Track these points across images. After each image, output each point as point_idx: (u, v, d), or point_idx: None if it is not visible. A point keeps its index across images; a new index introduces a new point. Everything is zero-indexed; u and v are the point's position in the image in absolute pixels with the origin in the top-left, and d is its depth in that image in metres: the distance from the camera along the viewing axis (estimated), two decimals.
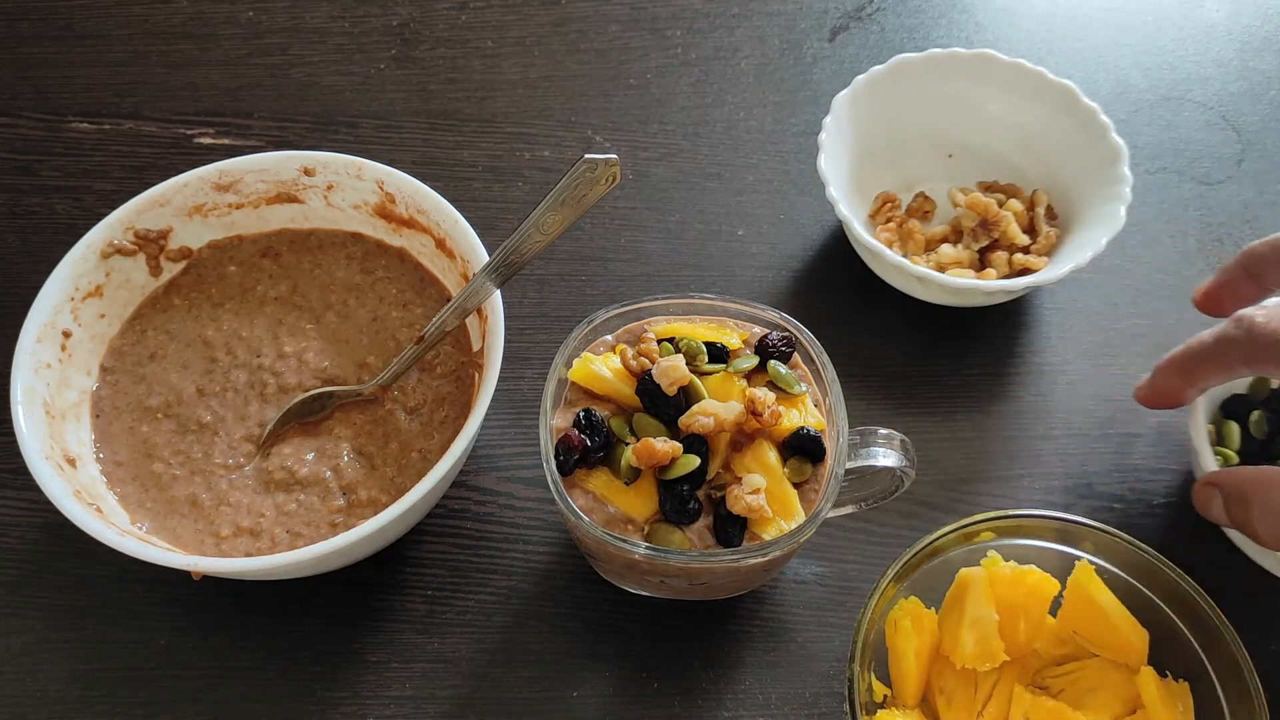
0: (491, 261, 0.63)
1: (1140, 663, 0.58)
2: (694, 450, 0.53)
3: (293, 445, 0.67)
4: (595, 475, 0.54)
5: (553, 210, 0.59)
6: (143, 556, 0.58)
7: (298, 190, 0.74)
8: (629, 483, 0.54)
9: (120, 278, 0.71)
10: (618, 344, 0.58)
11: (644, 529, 0.53)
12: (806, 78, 0.94)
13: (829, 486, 0.54)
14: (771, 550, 0.52)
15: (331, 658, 0.65)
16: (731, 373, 0.56)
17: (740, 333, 0.59)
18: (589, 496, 0.54)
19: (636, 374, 0.55)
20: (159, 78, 0.92)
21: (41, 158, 0.88)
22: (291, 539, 0.63)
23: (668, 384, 0.53)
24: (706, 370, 0.57)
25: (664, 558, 0.51)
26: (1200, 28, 0.98)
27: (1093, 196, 0.77)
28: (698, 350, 0.57)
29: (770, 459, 0.54)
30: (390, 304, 0.73)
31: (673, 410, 0.54)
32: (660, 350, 0.57)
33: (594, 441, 0.54)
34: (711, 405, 0.53)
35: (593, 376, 0.56)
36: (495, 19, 0.97)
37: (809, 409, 0.57)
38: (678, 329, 0.59)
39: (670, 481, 0.53)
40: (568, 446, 0.53)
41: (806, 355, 0.59)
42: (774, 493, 0.53)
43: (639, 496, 0.54)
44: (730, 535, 0.53)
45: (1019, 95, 0.81)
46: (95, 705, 0.64)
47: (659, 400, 0.54)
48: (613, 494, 0.54)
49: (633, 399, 0.55)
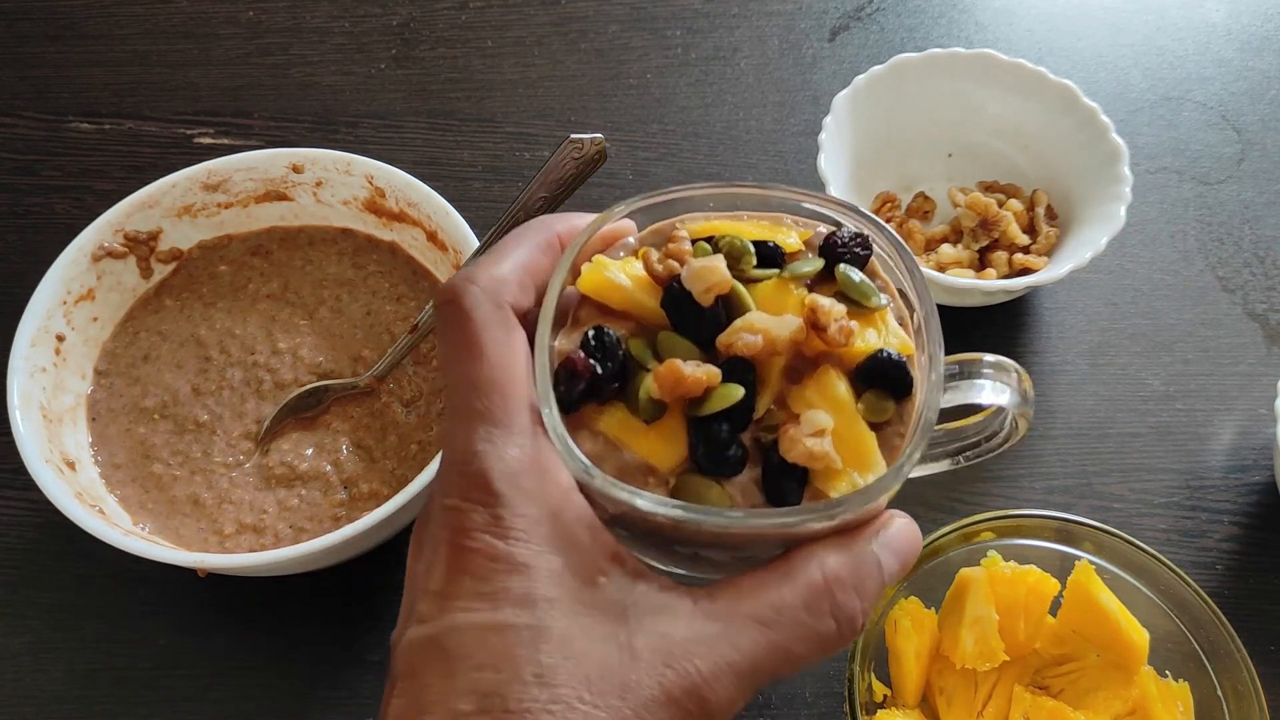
0: (482, 246, 0.63)
1: (1140, 663, 0.58)
2: (736, 378, 0.40)
3: (291, 441, 0.67)
4: (607, 412, 0.40)
5: (541, 190, 0.59)
6: (147, 555, 0.58)
7: (286, 188, 0.74)
8: (650, 421, 0.40)
9: (111, 280, 0.71)
10: (641, 247, 0.44)
11: (669, 482, 0.40)
12: (806, 78, 0.94)
13: (918, 428, 0.40)
14: (841, 510, 0.38)
15: (331, 658, 0.65)
16: (787, 278, 0.42)
17: (800, 231, 0.44)
18: (598, 440, 0.40)
19: (663, 280, 0.41)
20: (159, 78, 0.92)
21: (41, 158, 0.88)
22: (295, 534, 0.63)
23: (702, 290, 0.40)
24: (754, 276, 0.42)
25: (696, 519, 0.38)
26: (1200, 28, 0.98)
27: (1093, 196, 0.77)
28: (743, 250, 0.42)
29: (839, 391, 0.40)
30: (383, 298, 0.73)
31: (709, 326, 0.40)
32: (695, 250, 0.43)
33: (606, 367, 0.40)
34: (760, 319, 0.40)
35: (607, 285, 0.42)
36: (495, 19, 0.97)
37: (891, 327, 0.42)
38: (719, 227, 0.44)
39: (704, 419, 0.39)
40: (571, 373, 0.39)
41: (887, 263, 0.44)
42: (844, 435, 0.40)
43: (663, 439, 0.40)
44: (785, 491, 0.39)
45: (1019, 95, 0.81)
46: (95, 705, 0.64)
47: (691, 313, 0.41)
48: (629, 436, 0.40)
49: (658, 314, 0.41)
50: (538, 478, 0.35)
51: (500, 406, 0.36)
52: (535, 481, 0.35)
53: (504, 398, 0.36)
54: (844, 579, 0.37)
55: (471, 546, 0.34)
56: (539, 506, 0.35)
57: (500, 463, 0.35)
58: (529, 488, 0.35)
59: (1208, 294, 0.82)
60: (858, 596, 0.37)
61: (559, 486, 0.36)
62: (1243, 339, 0.79)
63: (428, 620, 0.34)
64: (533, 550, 0.34)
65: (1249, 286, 0.82)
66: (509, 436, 0.35)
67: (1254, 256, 0.84)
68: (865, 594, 0.37)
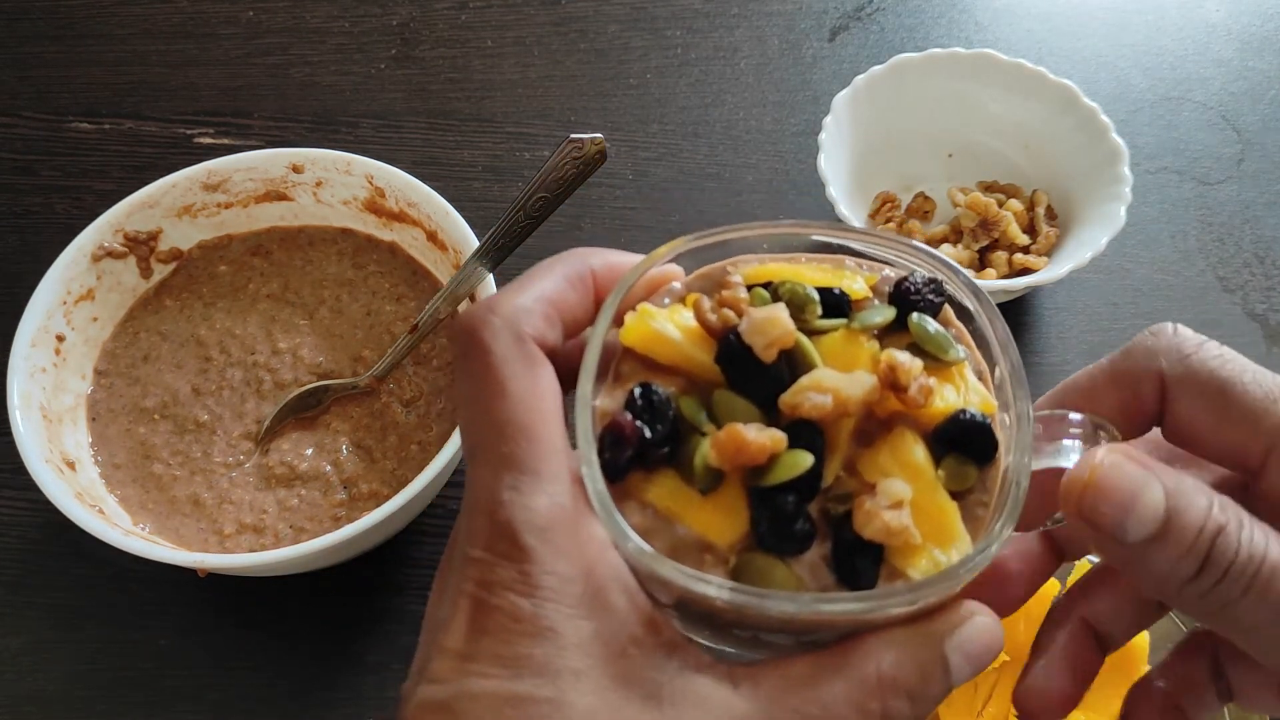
0: (482, 246, 0.63)
1: (1140, 663, 0.58)
2: (803, 444, 0.36)
3: (291, 441, 0.67)
4: (657, 481, 0.36)
5: (541, 190, 0.59)
6: (147, 555, 0.58)
7: (287, 188, 0.74)
8: (707, 491, 0.36)
9: (111, 280, 0.71)
10: (690, 293, 0.40)
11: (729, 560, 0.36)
12: (806, 78, 0.94)
13: (1008, 499, 0.35)
14: (923, 594, 0.34)
15: (331, 659, 0.65)
16: (857, 330, 0.38)
17: (866, 275, 0.40)
18: (647, 512, 0.36)
19: (718, 333, 0.37)
20: (159, 78, 0.92)
21: (41, 158, 0.88)
22: (295, 534, 0.63)
23: (764, 346, 0.36)
24: (820, 328, 0.38)
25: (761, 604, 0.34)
26: (1200, 28, 0.98)
27: (1093, 196, 0.77)
28: (806, 299, 0.38)
29: (917, 457, 0.36)
30: (383, 298, 0.73)
31: (771, 384, 0.37)
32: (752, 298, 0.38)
33: (655, 431, 0.36)
34: (829, 377, 0.36)
35: (655, 338, 0.38)
36: (495, 19, 0.97)
37: (970, 383, 0.38)
38: (777, 271, 0.40)
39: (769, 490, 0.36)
40: (618, 438, 0.35)
41: (962, 309, 0.40)
42: (923, 506, 0.36)
43: (721, 512, 0.36)
44: (860, 570, 0.35)
45: (1019, 95, 0.81)
46: (95, 705, 0.64)
47: (751, 370, 0.37)
48: (683, 508, 0.36)
49: (712, 370, 0.38)
50: (569, 531, 0.32)
51: (527, 451, 0.33)
52: (567, 536, 0.32)
53: (530, 441, 0.33)
54: (899, 682, 0.33)
55: (494, 604, 0.31)
56: (570, 564, 0.31)
57: (528, 513, 0.31)
58: (560, 543, 0.32)
59: (1208, 294, 0.82)
60: (910, 702, 0.32)
61: (593, 541, 0.32)
62: (1243, 339, 0.79)
63: (441, 681, 0.31)
64: (562, 613, 0.31)
65: (1249, 286, 0.82)
66: (538, 484, 0.32)
67: (1254, 256, 0.84)
68: (922, 699, 0.33)
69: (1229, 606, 0.32)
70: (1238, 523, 0.32)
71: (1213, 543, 0.32)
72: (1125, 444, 0.34)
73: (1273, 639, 0.32)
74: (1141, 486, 0.32)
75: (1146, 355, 0.36)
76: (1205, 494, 0.32)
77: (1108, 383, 0.38)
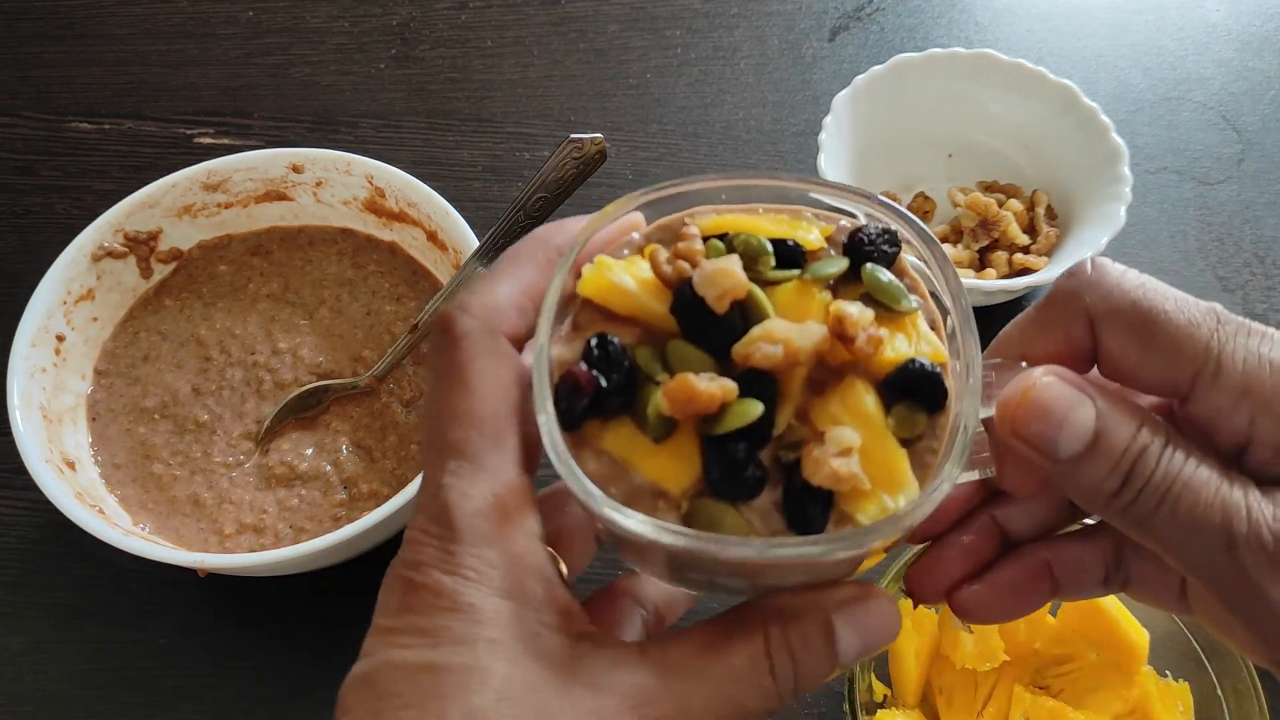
0: (482, 246, 0.63)
1: (1140, 662, 0.58)
2: (755, 392, 0.36)
3: (291, 441, 0.67)
4: (612, 429, 0.37)
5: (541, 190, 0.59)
6: (147, 555, 0.58)
7: (287, 188, 0.74)
8: (660, 439, 0.37)
9: (111, 280, 0.71)
10: (648, 244, 0.40)
11: (681, 505, 0.37)
12: (806, 78, 0.94)
13: (955, 445, 0.36)
14: (870, 539, 0.35)
15: (331, 658, 0.65)
16: (810, 281, 0.39)
17: (822, 227, 0.41)
18: (603, 459, 0.37)
19: (673, 283, 0.38)
20: (159, 78, 0.92)
21: (41, 158, 0.88)
22: (295, 534, 0.63)
23: (717, 296, 0.37)
24: (773, 278, 0.39)
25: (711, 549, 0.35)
26: (1200, 28, 0.98)
27: (1093, 196, 0.77)
28: (760, 250, 0.39)
29: (867, 405, 0.37)
30: (383, 298, 0.73)
31: (724, 334, 0.37)
32: (707, 250, 0.39)
33: (611, 379, 0.36)
34: (781, 327, 0.36)
35: (611, 289, 0.38)
36: (495, 19, 0.97)
37: (922, 332, 0.39)
38: (733, 222, 0.41)
39: (720, 438, 0.36)
40: (573, 387, 0.36)
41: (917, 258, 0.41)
42: (872, 453, 0.36)
43: (674, 459, 0.37)
44: (810, 516, 0.36)
45: (1019, 95, 0.81)
46: (95, 705, 0.64)
47: (704, 320, 0.37)
48: (637, 455, 0.37)
49: (668, 320, 0.38)
50: (500, 521, 0.33)
51: (475, 441, 0.34)
52: (496, 524, 0.33)
53: (480, 433, 0.34)
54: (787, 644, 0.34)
55: (419, 581, 0.33)
56: (496, 550, 0.33)
57: (465, 499, 0.33)
58: (488, 530, 0.33)
59: (1208, 294, 0.81)
60: (794, 663, 0.34)
61: (522, 533, 0.34)
62: None
63: (367, 655, 0.33)
64: (483, 592, 0.32)
65: (1249, 286, 0.82)
66: (478, 473, 0.34)
67: (1254, 256, 0.84)
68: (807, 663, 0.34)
69: (1146, 519, 0.34)
70: (1161, 443, 0.34)
71: (1136, 460, 0.34)
72: (1060, 367, 0.36)
73: (1187, 549, 0.33)
74: (1074, 404, 0.34)
75: (1070, 297, 0.37)
76: (1135, 415, 0.34)
77: (1039, 330, 0.38)
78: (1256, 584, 0.32)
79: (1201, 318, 0.34)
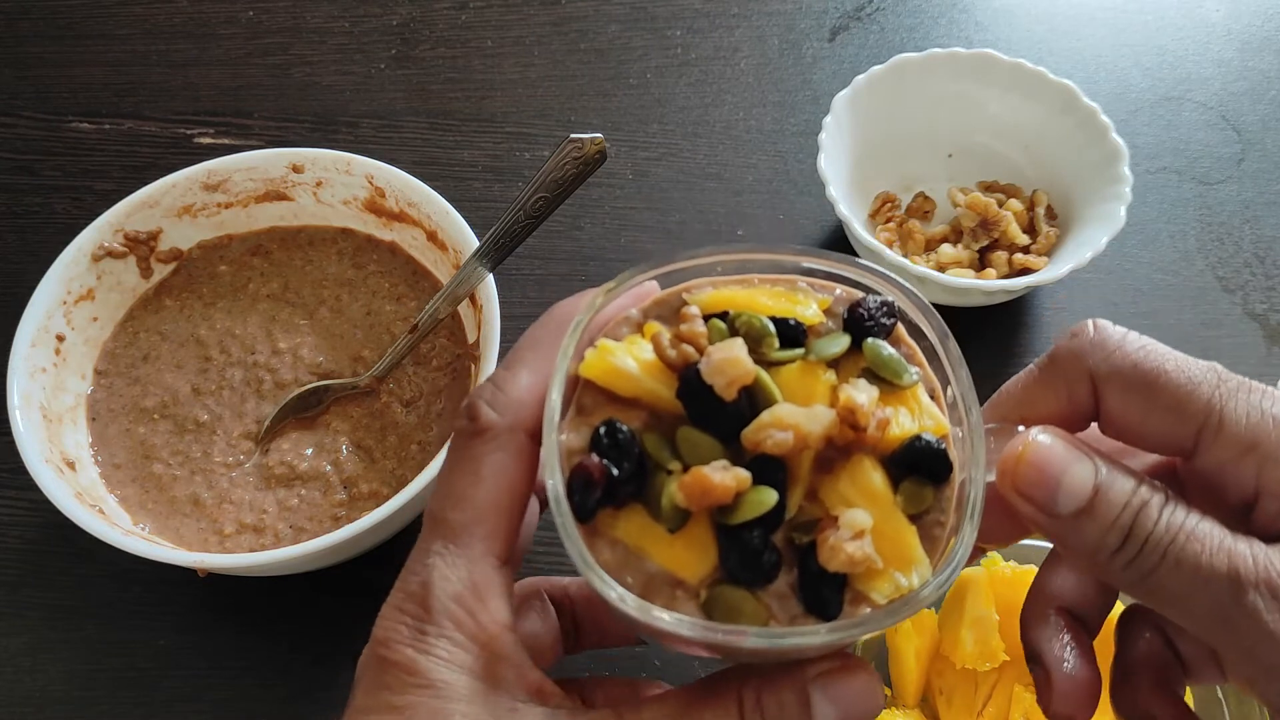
0: (482, 246, 0.63)
1: None
2: (766, 478, 0.37)
3: (291, 441, 0.67)
4: (624, 518, 0.37)
5: (541, 190, 0.59)
6: (147, 555, 0.58)
7: (287, 188, 0.74)
8: (675, 529, 0.37)
9: (111, 280, 0.71)
10: (646, 320, 0.41)
11: (700, 595, 0.37)
12: (806, 78, 0.94)
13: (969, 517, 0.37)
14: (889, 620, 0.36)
15: (331, 659, 0.65)
16: (814, 362, 0.39)
17: (819, 299, 0.41)
18: (617, 549, 0.37)
19: (678, 368, 0.38)
20: (159, 78, 0.92)
21: (41, 158, 0.88)
22: (295, 534, 0.63)
23: (725, 384, 0.37)
24: (777, 360, 0.39)
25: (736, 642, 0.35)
26: (1200, 28, 0.98)
27: (1093, 196, 0.77)
28: (763, 331, 0.39)
29: (875, 483, 0.37)
30: (383, 298, 0.73)
31: (733, 421, 0.37)
32: (710, 332, 0.39)
33: (622, 468, 0.37)
34: (790, 413, 0.37)
35: (614, 372, 0.38)
36: (495, 19, 0.97)
37: (924, 405, 0.39)
38: (730, 297, 0.41)
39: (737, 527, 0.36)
40: (587, 480, 0.36)
41: (913, 326, 0.41)
42: (883, 531, 0.36)
43: (690, 549, 0.37)
44: (826, 600, 0.36)
45: (1019, 95, 0.81)
46: (95, 705, 0.64)
47: (712, 408, 0.37)
48: (651, 544, 0.37)
49: (673, 402, 0.38)
50: (475, 605, 0.35)
51: (464, 526, 0.36)
52: (470, 608, 0.35)
53: (476, 520, 0.36)
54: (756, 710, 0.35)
55: (392, 659, 0.34)
56: (468, 634, 0.34)
57: (444, 581, 0.35)
58: (461, 614, 0.34)
59: (1208, 294, 0.82)
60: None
61: (495, 621, 0.35)
62: (1243, 339, 0.79)
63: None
64: (453, 671, 0.33)
65: (1249, 286, 0.82)
66: (460, 557, 0.35)
67: (1254, 256, 0.84)
68: None
69: (1149, 575, 0.34)
70: (1161, 499, 0.34)
71: (1136, 516, 0.34)
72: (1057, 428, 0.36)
73: (1194, 602, 0.33)
74: (1071, 461, 0.35)
75: (1073, 358, 0.38)
76: (1133, 474, 0.35)
77: (1041, 390, 0.40)
78: (1270, 629, 0.32)
79: (1202, 376, 0.35)
